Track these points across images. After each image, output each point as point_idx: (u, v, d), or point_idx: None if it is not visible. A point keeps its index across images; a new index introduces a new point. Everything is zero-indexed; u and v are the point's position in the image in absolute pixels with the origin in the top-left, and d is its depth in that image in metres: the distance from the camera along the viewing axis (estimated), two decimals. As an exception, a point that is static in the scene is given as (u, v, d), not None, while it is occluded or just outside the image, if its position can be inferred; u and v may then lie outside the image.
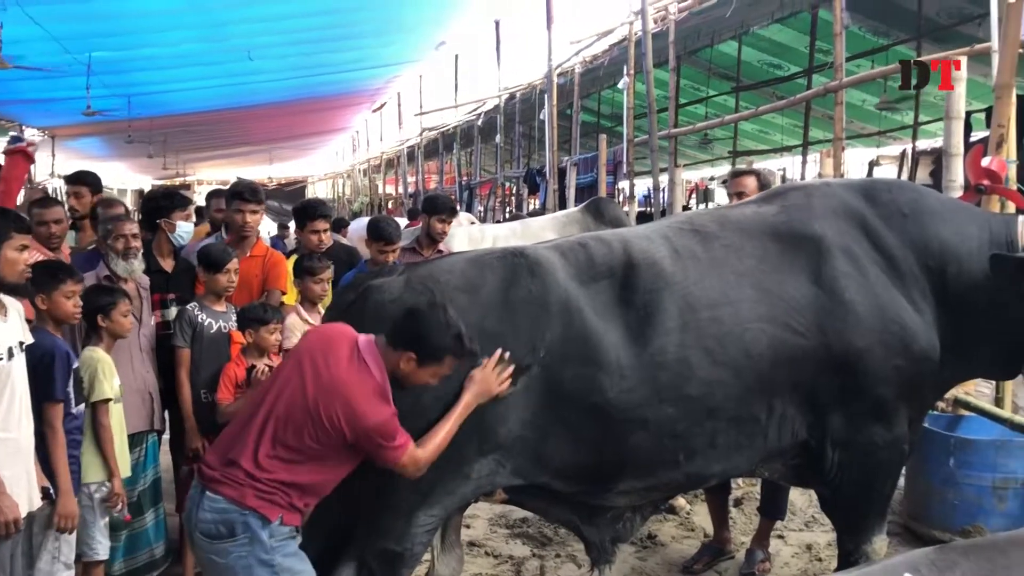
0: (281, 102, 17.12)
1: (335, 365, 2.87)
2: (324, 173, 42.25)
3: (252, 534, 2.80)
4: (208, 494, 2.84)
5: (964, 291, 3.40)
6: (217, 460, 2.91)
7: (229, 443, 2.94)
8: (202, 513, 2.82)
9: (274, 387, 2.95)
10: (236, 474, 2.83)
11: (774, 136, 16.35)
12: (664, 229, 3.52)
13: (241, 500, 2.80)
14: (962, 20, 9.45)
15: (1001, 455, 4.61)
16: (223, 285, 4.50)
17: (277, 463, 2.83)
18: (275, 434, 2.84)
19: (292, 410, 2.85)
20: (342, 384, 2.83)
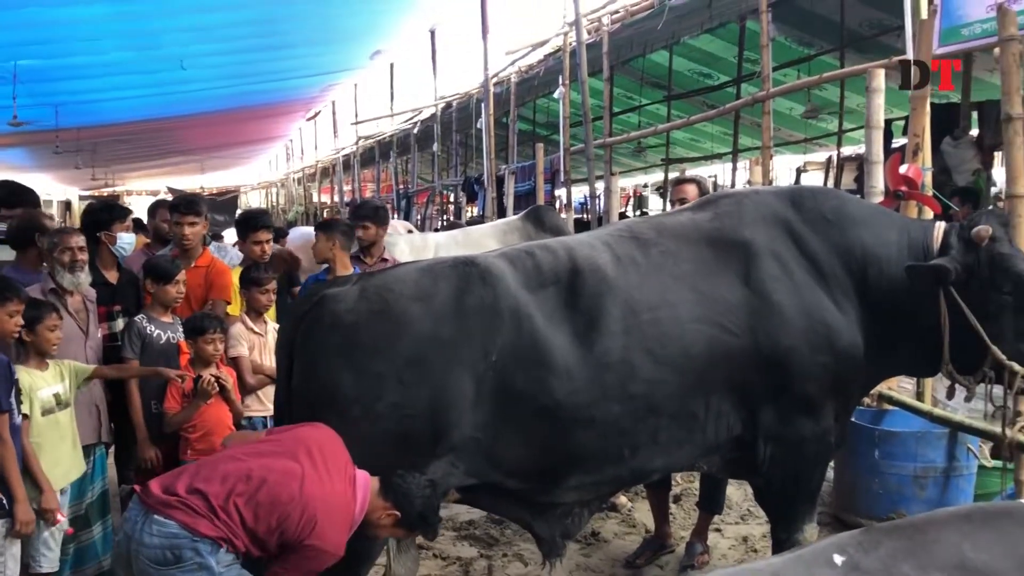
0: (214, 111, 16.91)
1: (327, 478, 2.93)
2: (258, 182, 41.71)
3: (201, 560, 2.82)
4: (156, 518, 2.82)
5: (884, 293, 3.60)
6: (171, 488, 2.89)
7: (193, 475, 2.94)
8: (148, 538, 2.80)
9: (262, 450, 3.00)
10: (197, 503, 2.83)
11: (705, 144, 16.74)
12: (605, 236, 3.68)
13: (194, 527, 2.81)
14: (882, 31, 9.81)
15: (921, 446, 4.88)
16: (172, 296, 4.54)
17: (239, 516, 2.86)
18: (245, 494, 2.86)
19: (268, 487, 2.87)
20: (327, 501, 2.89)
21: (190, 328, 4.42)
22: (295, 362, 3.34)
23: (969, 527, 2.24)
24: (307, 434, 3.08)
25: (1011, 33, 4.33)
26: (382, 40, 15.59)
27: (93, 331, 4.47)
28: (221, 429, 4.48)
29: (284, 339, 3.47)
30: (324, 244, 5.15)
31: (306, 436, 3.06)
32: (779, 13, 9.56)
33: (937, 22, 5.39)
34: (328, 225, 5.25)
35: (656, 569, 4.77)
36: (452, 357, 3.22)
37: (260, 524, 2.86)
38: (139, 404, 4.41)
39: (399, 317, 3.23)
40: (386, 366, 3.18)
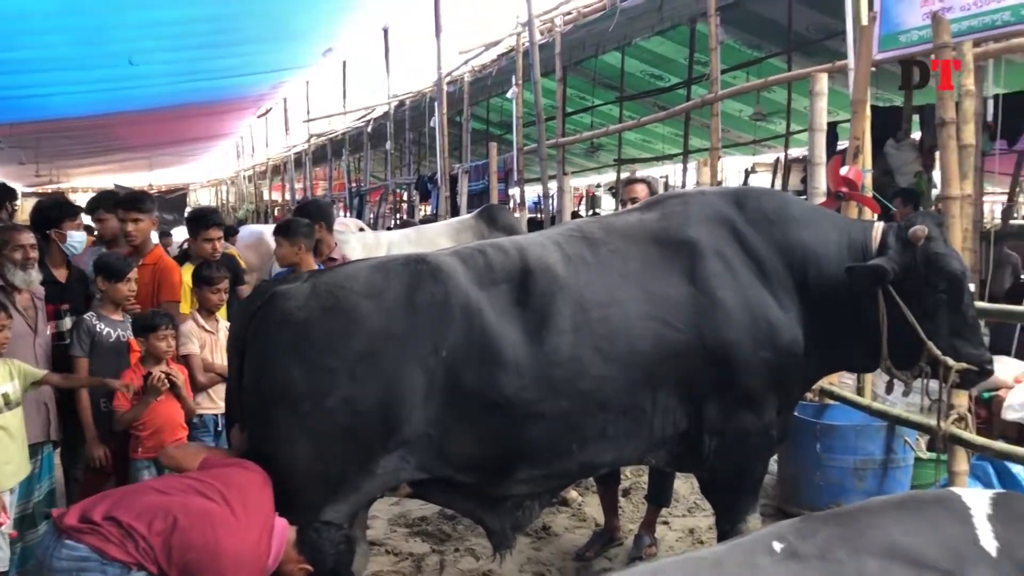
0: (163, 107, 16.67)
1: (254, 522, 2.96)
2: (207, 180, 41.15)
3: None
4: (67, 542, 2.82)
5: (825, 291, 3.70)
6: (87, 514, 2.88)
7: (112, 504, 2.93)
8: (56, 562, 2.80)
9: (193, 488, 2.99)
10: (111, 530, 2.83)
11: (657, 145, 16.91)
12: (556, 236, 3.75)
13: (104, 551, 2.81)
14: (829, 36, 10.01)
15: (861, 439, 5.04)
16: (123, 294, 4.51)
17: (151, 545, 2.85)
18: (166, 533, 2.85)
19: (191, 531, 2.86)
20: (243, 547, 2.90)
21: (141, 326, 4.40)
22: (246, 359, 3.35)
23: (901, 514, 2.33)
24: (236, 477, 3.09)
25: (945, 41, 4.49)
26: (334, 38, 15.51)
27: (42, 329, 4.43)
28: (172, 427, 4.47)
29: (235, 336, 3.49)
30: (289, 249, 5.08)
31: (235, 479, 3.07)
32: (728, 16, 9.73)
33: (877, 28, 5.56)
34: (289, 229, 5.18)
35: (605, 561, 4.85)
36: (403, 353, 3.26)
37: (172, 566, 2.85)
38: (88, 403, 4.38)
39: (350, 313, 3.27)
40: (337, 362, 3.21)
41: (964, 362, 3.62)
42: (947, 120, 4.46)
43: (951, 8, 5.09)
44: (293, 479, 3.23)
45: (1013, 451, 4.15)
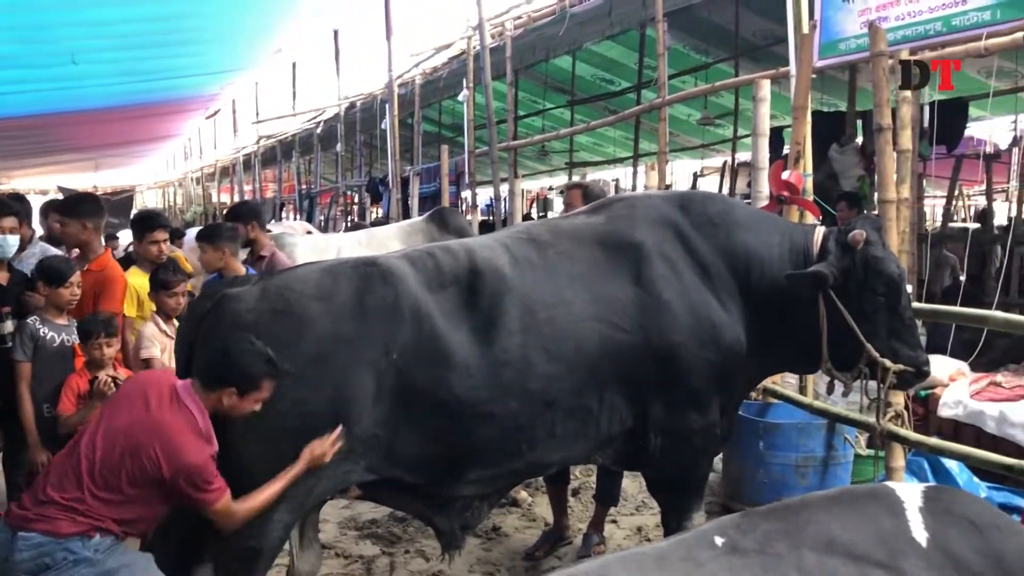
0: (108, 108, 16.37)
1: (155, 408, 3.02)
2: (154, 181, 40.48)
3: (76, 556, 2.88)
4: (21, 535, 2.86)
5: (767, 293, 3.79)
6: (22, 502, 2.94)
7: (41, 485, 2.96)
8: (17, 554, 2.83)
9: (91, 432, 3.01)
10: (47, 510, 2.88)
11: (608, 148, 17.04)
12: (504, 238, 3.79)
13: (56, 531, 2.86)
14: (775, 42, 10.15)
15: (803, 437, 5.16)
16: (65, 299, 4.45)
17: (97, 503, 2.93)
18: (93, 475, 2.92)
19: (110, 452, 2.94)
20: (161, 425, 2.97)
21: (83, 331, 4.35)
22: (194, 362, 3.33)
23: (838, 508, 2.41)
24: (117, 394, 3.20)
25: (881, 49, 4.62)
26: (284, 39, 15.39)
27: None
28: (118, 433, 4.41)
29: (184, 339, 3.47)
30: (213, 255, 5.06)
31: (115, 396, 3.16)
32: (676, 22, 9.86)
33: (817, 36, 5.71)
34: (212, 234, 5.14)
35: (555, 561, 4.90)
36: (353, 355, 3.27)
37: (118, 497, 2.91)
38: (30, 408, 4.31)
39: (300, 316, 3.27)
40: (286, 364, 3.20)
41: (902, 364, 3.74)
42: (884, 126, 4.59)
43: (887, 18, 5.25)
44: (243, 481, 3.22)
45: (946, 447, 4.29)
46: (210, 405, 3.08)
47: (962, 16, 4.89)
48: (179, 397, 3.05)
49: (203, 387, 3.08)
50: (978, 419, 5.30)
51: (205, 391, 3.08)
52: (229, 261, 5.08)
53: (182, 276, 4.83)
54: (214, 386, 3.06)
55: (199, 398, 3.08)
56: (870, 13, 5.35)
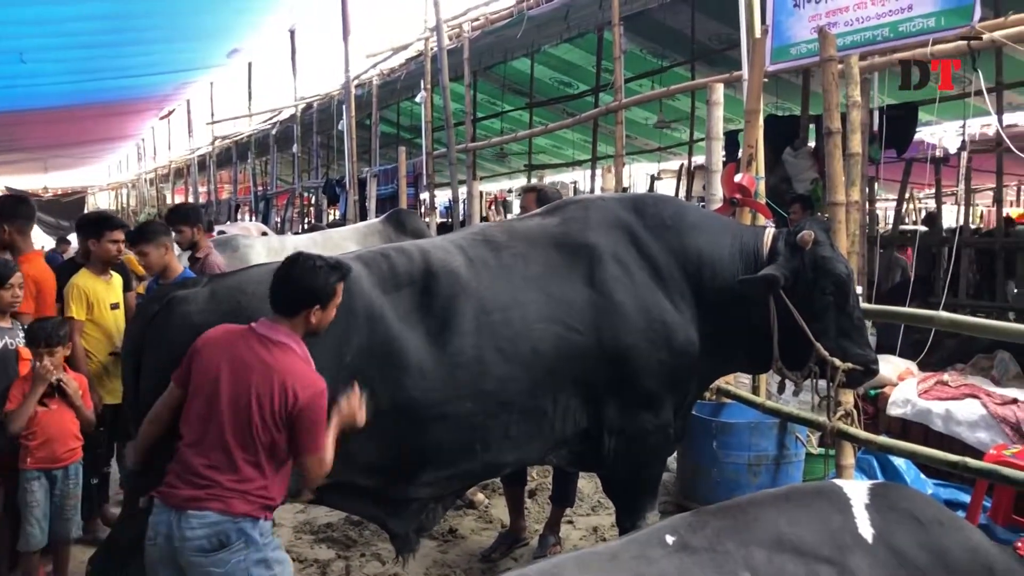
0: (58, 107, 16.07)
1: (262, 357, 2.97)
2: (107, 183, 39.80)
3: (247, 538, 2.90)
4: (191, 512, 2.87)
5: (718, 295, 3.83)
6: (182, 481, 2.92)
7: (186, 463, 2.94)
8: (189, 532, 2.85)
9: (211, 401, 2.97)
10: (217, 490, 2.89)
11: (566, 150, 17.09)
12: (459, 240, 3.79)
13: (231, 510, 2.88)
14: (730, 46, 10.25)
15: (755, 436, 5.22)
16: (7, 301, 4.36)
17: (249, 468, 2.92)
18: (237, 441, 2.91)
19: (242, 419, 2.92)
20: (274, 368, 2.94)
21: (32, 337, 4.26)
22: (143, 365, 3.29)
23: (786, 506, 2.45)
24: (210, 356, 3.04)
25: (831, 54, 4.70)
26: (240, 39, 15.21)
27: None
28: (65, 437, 4.34)
29: (132, 340, 3.41)
30: (156, 253, 4.95)
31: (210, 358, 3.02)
32: (633, 26, 9.93)
33: (769, 41, 5.78)
34: (149, 233, 5.02)
35: (511, 562, 4.90)
36: None
37: (264, 456, 2.92)
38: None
39: (251, 319, 3.22)
40: None
41: (851, 362, 3.80)
42: (833, 130, 4.67)
43: (836, 24, 5.33)
44: None
45: (894, 445, 4.37)
46: (299, 330, 3.06)
47: (908, 23, 4.98)
48: (269, 338, 3.01)
49: (286, 318, 3.05)
50: (925, 417, 5.41)
51: (290, 320, 3.05)
52: (171, 259, 5.02)
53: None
54: (298, 311, 3.04)
55: (287, 328, 3.05)
56: (820, 19, 5.43)
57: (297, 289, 3.04)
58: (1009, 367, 6.02)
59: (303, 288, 3.03)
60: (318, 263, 3.06)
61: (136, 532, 3.36)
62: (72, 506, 4.41)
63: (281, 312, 3.06)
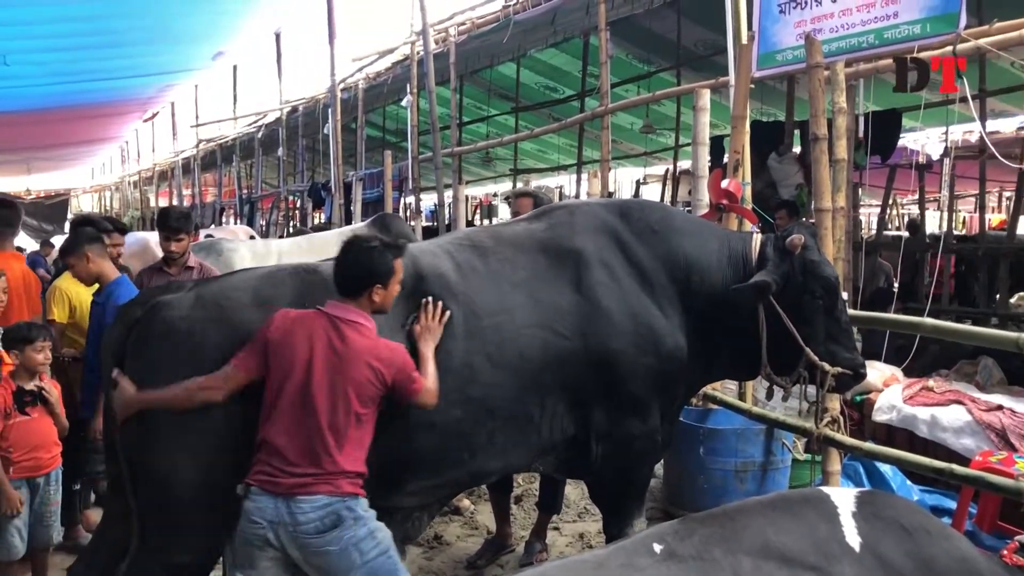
0: (41, 109, 15.96)
1: (342, 339, 3.08)
2: (90, 185, 39.55)
3: (355, 515, 3.04)
4: (301, 498, 2.98)
5: (706, 300, 3.83)
6: (284, 469, 3.00)
7: (285, 453, 3.02)
8: (302, 517, 2.98)
9: (305, 389, 3.05)
10: (322, 474, 3.02)
11: (552, 155, 17.12)
12: (446, 244, 3.76)
13: (339, 492, 3.02)
14: (716, 52, 10.29)
15: (741, 442, 5.22)
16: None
17: (346, 449, 3.05)
18: (334, 425, 3.04)
19: (335, 402, 3.04)
20: (359, 349, 3.08)
21: (17, 338, 4.21)
22: (126, 369, 3.23)
23: (773, 514, 2.44)
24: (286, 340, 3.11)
25: (817, 60, 4.71)
26: (225, 41, 15.14)
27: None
28: (48, 444, 4.30)
29: (113, 344, 3.35)
30: (81, 265, 4.73)
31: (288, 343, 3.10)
32: (619, 31, 9.95)
33: (755, 47, 5.80)
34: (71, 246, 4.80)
35: (497, 569, 4.88)
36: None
37: (358, 432, 3.08)
38: None
39: (236, 325, 3.20)
40: None
41: (840, 367, 3.81)
42: (820, 136, 4.68)
43: (821, 30, 5.34)
44: (174, 499, 3.13)
45: (880, 451, 4.37)
46: (366, 309, 3.18)
47: (893, 29, 5.00)
48: (343, 319, 3.12)
49: (352, 299, 3.17)
50: (911, 423, 5.43)
51: (356, 301, 3.17)
52: (100, 265, 4.76)
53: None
54: (361, 292, 3.16)
55: (356, 308, 3.16)
56: (806, 25, 5.44)
57: (357, 271, 3.17)
58: (993, 373, 6.05)
59: (363, 269, 3.16)
60: (373, 243, 3.20)
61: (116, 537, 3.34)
62: (52, 512, 4.37)
63: (347, 294, 3.18)
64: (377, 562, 3.05)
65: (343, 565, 3.01)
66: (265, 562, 3.04)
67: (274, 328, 3.11)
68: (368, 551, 3.04)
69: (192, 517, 3.15)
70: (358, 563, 3.02)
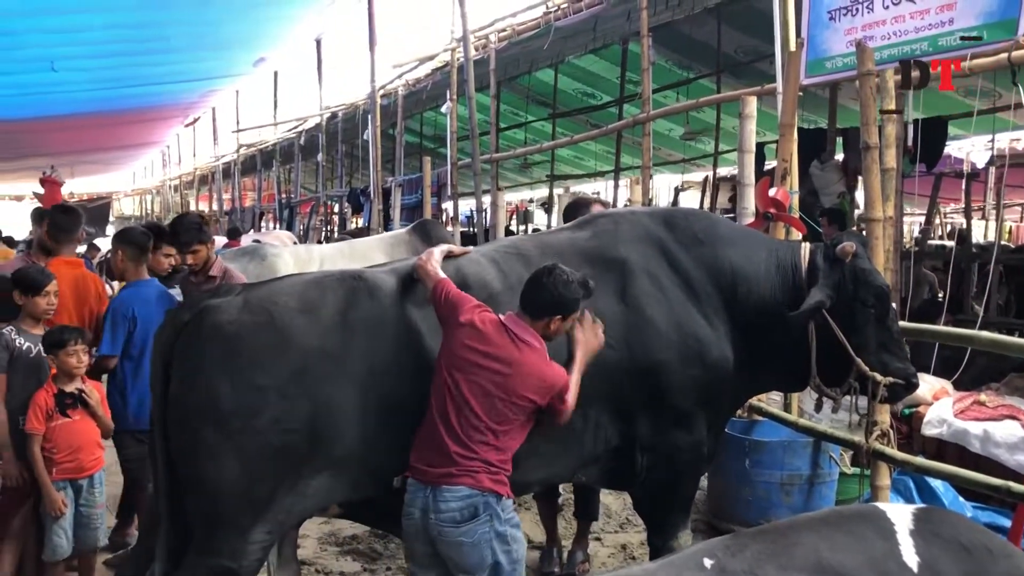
0: (86, 114, 16.24)
1: (509, 349, 3.18)
2: (132, 189, 40.19)
3: (492, 511, 3.12)
4: (445, 487, 3.10)
5: (753, 310, 3.77)
6: (434, 460, 3.14)
7: (437, 444, 3.15)
8: (443, 505, 3.10)
9: (470, 387, 3.15)
10: (467, 467, 3.13)
11: (589, 161, 17.06)
12: (491, 253, 3.75)
13: (480, 485, 3.12)
14: (756, 58, 10.24)
15: (788, 455, 5.14)
16: (42, 308, 4.37)
17: (496, 449, 3.16)
18: (490, 426, 3.15)
19: (487, 403, 3.15)
20: (523, 364, 3.17)
21: (50, 342, 4.27)
22: (173, 373, 3.26)
23: (827, 530, 2.38)
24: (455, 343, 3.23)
25: (868, 68, 4.63)
26: (266, 48, 15.32)
27: (-43, 344, 4.25)
28: (89, 446, 4.35)
29: (161, 348, 3.37)
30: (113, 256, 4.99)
31: (455, 345, 3.22)
32: (659, 37, 9.89)
33: (804, 54, 5.72)
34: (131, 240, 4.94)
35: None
36: (336, 371, 3.21)
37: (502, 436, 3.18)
38: (4, 419, 4.22)
39: (283, 329, 3.21)
40: (268, 379, 3.15)
41: (892, 376, 3.73)
42: (871, 144, 4.59)
43: (873, 37, 5.26)
44: (220, 498, 3.15)
45: (933, 466, 4.28)
46: (539, 332, 3.26)
47: (948, 36, 4.91)
48: (519, 336, 3.21)
49: (532, 319, 3.25)
50: (962, 438, 5.30)
51: (533, 322, 3.25)
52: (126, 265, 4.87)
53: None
54: (542, 316, 3.24)
55: (531, 328, 3.24)
56: (856, 32, 5.36)
57: (547, 297, 3.23)
58: (1045, 386, 5.91)
59: (554, 297, 3.23)
60: (571, 278, 3.26)
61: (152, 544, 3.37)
62: (97, 514, 4.41)
63: (529, 313, 3.27)
64: (505, 570, 3.15)
65: (473, 560, 3.12)
66: (422, 556, 3.20)
67: (468, 325, 3.22)
68: (498, 552, 3.14)
69: (239, 522, 3.15)
70: (488, 561, 3.13)
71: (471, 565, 3.13)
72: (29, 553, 4.43)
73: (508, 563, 3.16)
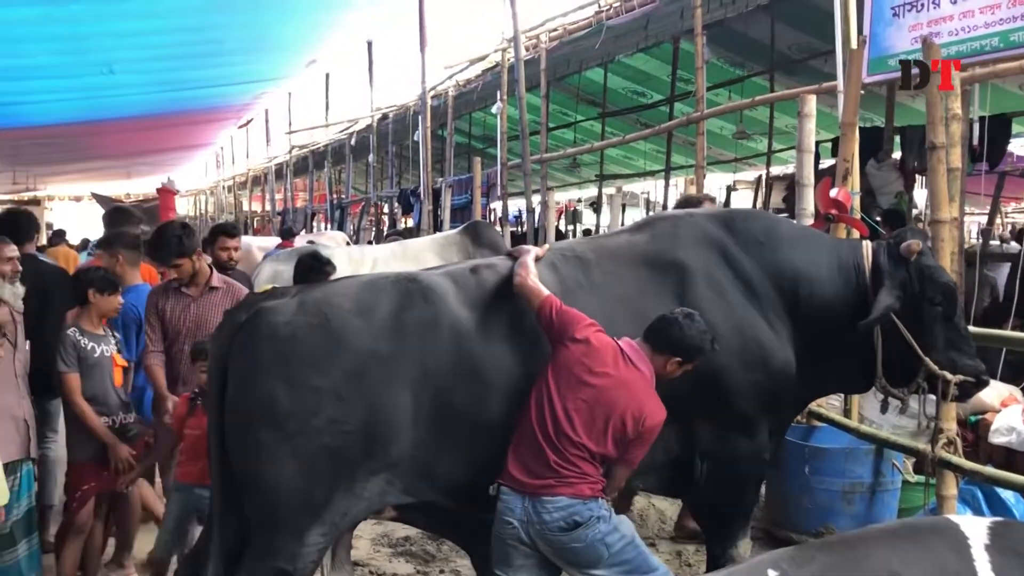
0: (142, 116, 16.54)
1: (621, 370, 3.21)
2: (186, 190, 40.87)
3: (596, 514, 3.15)
4: (545, 498, 3.14)
5: (816, 312, 3.69)
6: (532, 470, 3.17)
7: (535, 454, 3.17)
8: (546, 516, 3.14)
9: (576, 403, 3.17)
10: (565, 479, 3.16)
11: (638, 161, 16.94)
12: (549, 256, 3.69)
13: (581, 494, 3.15)
14: (811, 55, 10.07)
15: (849, 462, 5.02)
16: (113, 307, 4.46)
17: (591, 463, 3.18)
18: (589, 442, 3.16)
19: (589, 417, 3.17)
20: (631, 386, 3.21)
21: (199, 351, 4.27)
22: (229, 374, 3.27)
23: (898, 543, 2.31)
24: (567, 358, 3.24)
25: (936, 65, 4.49)
26: (318, 50, 15.46)
27: (21, 344, 4.31)
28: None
29: (218, 350, 3.39)
30: (109, 261, 4.98)
31: (566, 360, 3.23)
32: (712, 35, 9.76)
33: (866, 52, 5.58)
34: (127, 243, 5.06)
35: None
36: (391, 373, 3.20)
37: (606, 449, 3.20)
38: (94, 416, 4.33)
39: (338, 331, 3.21)
40: (323, 380, 3.16)
41: (961, 374, 3.63)
42: (938, 144, 4.46)
43: (939, 33, 5.11)
44: (276, 500, 3.16)
45: (1003, 476, 4.14)
46: (656, 366, 3.27)
47: (1020, 32, 4.74)
48: (631, 358, 3.24)
49: (653, 350, 3.27)
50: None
51: (654, 353, 3.27)
52: (124, 270, 4.97)
53: None
54: (664, 351, 3.26)
55: (647, 358, 3.26)
56: (922, 28, 5.20)
57: (679, 335, 3.24)
58: (1116, 393, 5.69)
59: (685, 339, 3.24)
60: (707, 331, 3.28)
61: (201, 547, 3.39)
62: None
63: (652, 344, 3.28)
64: (625, 552, 3.19)
65: (592, 558, 3.16)
66: (520, 560, 3.20)
67: (591, 338, 3.23)
68: (614, 543, 3.17)
69: (296, 525, 3.16)
70: (606, 556, 3.16)
71: (590, 562, 3.18)
72: (94, 552, 4.50)
73: (624, 545, 3.20)
